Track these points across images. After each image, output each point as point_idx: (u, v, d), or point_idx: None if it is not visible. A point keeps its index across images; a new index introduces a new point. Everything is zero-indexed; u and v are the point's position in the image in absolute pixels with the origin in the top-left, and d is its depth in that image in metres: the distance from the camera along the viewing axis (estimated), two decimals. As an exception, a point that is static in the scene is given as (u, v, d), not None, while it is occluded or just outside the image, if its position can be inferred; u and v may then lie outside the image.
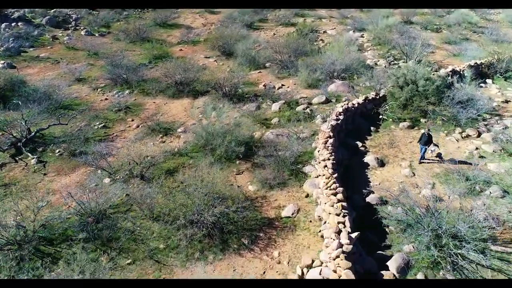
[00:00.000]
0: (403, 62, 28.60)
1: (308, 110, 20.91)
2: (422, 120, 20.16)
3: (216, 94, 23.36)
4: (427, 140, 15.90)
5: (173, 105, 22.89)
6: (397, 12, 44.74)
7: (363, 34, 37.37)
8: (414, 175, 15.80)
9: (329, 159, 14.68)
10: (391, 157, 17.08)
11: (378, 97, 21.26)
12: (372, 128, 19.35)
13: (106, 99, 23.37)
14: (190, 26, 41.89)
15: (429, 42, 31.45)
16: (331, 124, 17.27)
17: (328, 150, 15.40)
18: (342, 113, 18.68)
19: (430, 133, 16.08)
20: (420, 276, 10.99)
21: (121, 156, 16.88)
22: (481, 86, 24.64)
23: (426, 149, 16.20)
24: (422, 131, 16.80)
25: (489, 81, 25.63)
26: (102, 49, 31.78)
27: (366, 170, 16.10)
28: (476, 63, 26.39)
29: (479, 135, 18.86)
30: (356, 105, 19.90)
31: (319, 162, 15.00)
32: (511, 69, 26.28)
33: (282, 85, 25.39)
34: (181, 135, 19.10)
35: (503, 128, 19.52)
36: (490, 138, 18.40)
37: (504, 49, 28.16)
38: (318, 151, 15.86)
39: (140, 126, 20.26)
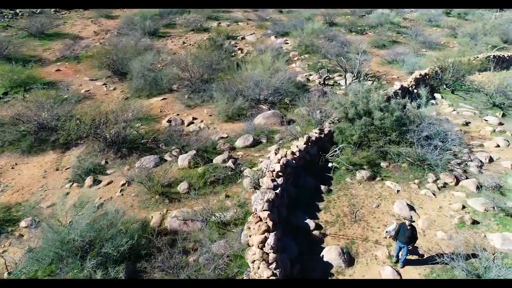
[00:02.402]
0: (339, 75, 23.22)
1: (230, 162, 14.15)
2: (383, 164, 14.60)
3: (97, 142, 15.49)
4: (410, 236, 9.59)
5: (27, 167, 14.57)
6: (318, 12, 39.95)
7: (286, 40, 31.62)
8: (400, 276, 9.94)
9: (273, 290, 8.12)
10: (360, 242, 11.05)
11: (323, 135, 15.26)
12: (322, 187, 13.22)
13: None
14: (78, 36, 32.56)
15: (360, 47, 26.51)
16: (267, 200, 10.73)
17: (268, 263, 8.85)
18: (280, 173, 12.27)
19: (413, 224, 9.93)
20: None
21: None
22: (432, 104, 20.11)
23: (408, 249, 9.91)
24: (402, 218, 10.99)
25: (437, 95, 21.24)
26: None
27: (331, 278, 9.85)
28: (420, 74, 21.86)
29: (457, 182, 13.79)
30: (298, 153, 13.61)
31: (257, 293, 8.38)
32: (457, 79, 22.16)
33: (194, 118, 18.29)
34: (25, 235, 11.15)
35: (479, 166, 14.79)
36: (474, 187, 13.39)
37: (445, 56, 24.21)
38: (253, 262, 9.22)
39: (-43, 219, 11.82)
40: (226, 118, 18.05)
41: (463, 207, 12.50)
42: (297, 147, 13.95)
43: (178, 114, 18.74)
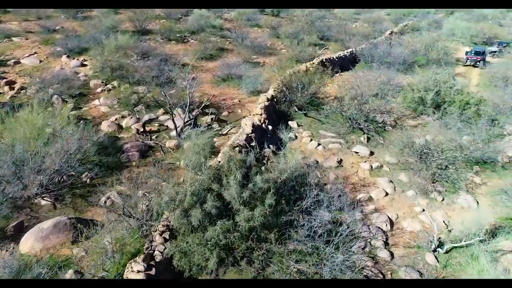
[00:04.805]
0: (166, 113, 15.94)
1: None
2: None
3: None
4: None
5: None
6: (125, 18, 31.25)
7: (84, 61, 22.24)
8: None
9: None
10: None
11: (153, 270, 7.87)
12: None
13: None
14: None
15: (188, 70, 19.63)
16: None
17: None
18: None
19: None
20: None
21: None
22: (291, 138, 15.07)
23: None
24: None
25: (292, 124, 16.36)
26: None
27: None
28: (268, 98, 16.56)
29: (376, 291, 8.71)
30: None
31: None
32: (308, 99, 17.73)
33: None
34: None
35: (385, 242, 10.17)
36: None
37: (283, 66, 19.73)
38: None
39: None
40: (-45, 258, 8.66)
41: None
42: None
43: None
